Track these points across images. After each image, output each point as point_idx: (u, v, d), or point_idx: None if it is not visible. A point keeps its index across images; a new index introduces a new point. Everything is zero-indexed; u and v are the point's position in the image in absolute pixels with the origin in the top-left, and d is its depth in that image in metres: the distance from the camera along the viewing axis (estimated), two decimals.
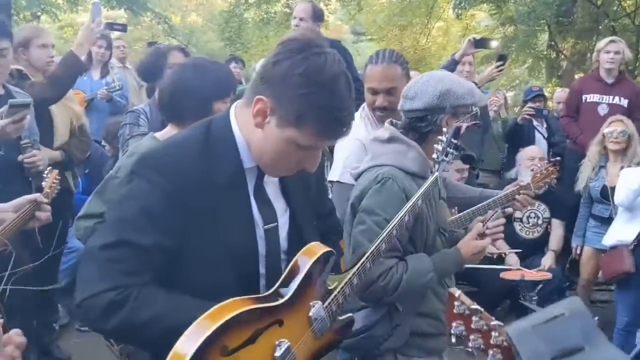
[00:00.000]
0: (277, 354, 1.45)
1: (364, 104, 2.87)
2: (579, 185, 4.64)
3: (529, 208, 4.86)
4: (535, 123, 5.93)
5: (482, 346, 1.36)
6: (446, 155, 1.99)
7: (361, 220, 2.07)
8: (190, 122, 2.27)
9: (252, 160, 1.55)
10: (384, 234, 1.83)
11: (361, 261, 1.74)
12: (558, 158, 3.19)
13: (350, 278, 1.70)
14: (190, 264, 1.48)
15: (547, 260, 4.77)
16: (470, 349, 1.37)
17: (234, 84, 2.32)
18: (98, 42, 5.57)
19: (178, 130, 2.34)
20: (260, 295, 1.51)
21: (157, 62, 3.27)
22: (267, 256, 1.59)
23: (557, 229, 4.92)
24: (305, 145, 1.48)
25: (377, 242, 1.80)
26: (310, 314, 1.57)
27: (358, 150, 2.58)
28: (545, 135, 5.99)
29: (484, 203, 2.73)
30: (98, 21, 3.48)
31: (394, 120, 2.30)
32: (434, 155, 2.01)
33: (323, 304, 1.60)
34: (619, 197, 3.99)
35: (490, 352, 1.34)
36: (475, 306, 1.39)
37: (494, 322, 1.36)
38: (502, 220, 2.26)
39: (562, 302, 0.43)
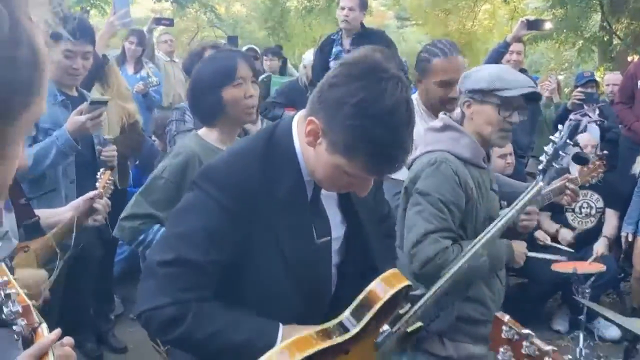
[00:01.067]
0: None
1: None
2: (635, 169, 4.48)
3: (580, 198, 4.75)
4: (586, 109, 5.75)
5: None
6: (556, 159, 2.01)
7: (417, 201, 2.14)
8: (212, 118, 2.32)
9: (309, 174, 1.51)
10: (466, 257, 1.86)
11: (438, 284, 1.76)
12: (605, 152, 3.10)
13: (425, 302, 1.72)
14: (250, 277, 1.49)
15: (600, 246, 4.64)
16: None
17: (234, 66, 2.27)
18: (130, 38, 5.66)
19: (212, 129, 2.37)
20: (329, 325, 1.48)
21: (195, 59, 3.32)
22: (318, 270, 1.58)
23: (611, 219, 4.79)
24: (353, 174, 1.41)
25: (461, 262, 1.82)
26: (378, 340, 1.56)
27: None
28: (598, 122, 5.80)
29: (531, 197, 2.68)
30: (121, 14, 3.51)
31: (448, 113, 2.37)
32: (540, 165, 2.05)
33: (392, 328, 1.59)
34: None
35: None
36: (526, 330, 1.32)
37: (548, 348, 1.29)
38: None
39: None
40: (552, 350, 1.28)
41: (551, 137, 2.06)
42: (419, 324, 1.71)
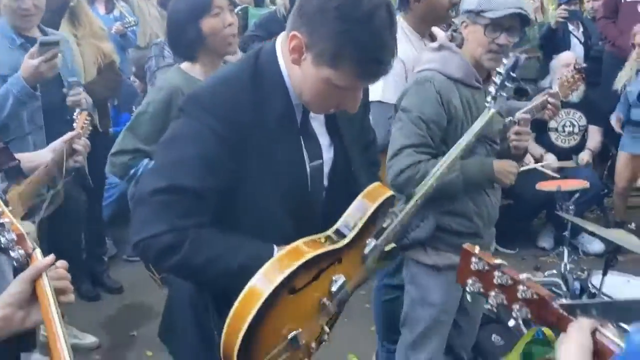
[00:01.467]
0: (334, 288, 1.52)
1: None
2: (617, 84, 4.49)
3: (563, 116, 4.78)
4: (570, 27, 5.69)
5: (505, 302, 1.26)
6: (503, 89, 2.03)
7: (399, 117, 2.25)
8: (192, 52, 2.29)
9: (297, 97, 1.49)
10: (437, 173, 1.90)
11: (410, 203, 1.79)
12: (584, 65, 3.11)
13: (401, 218, 1.73)
14: (245, 202, 1.48)
15: (585, 155, 4.71)
16: (490, 307, 1.29)
17: None
18: None
19: (194, 63, 2.35)
20: (323, 235, 1.53)
21: None
22: (311, 194, 1.59)
23: (595, 134, 4.83)
24: (343, 86, 1.40)
25: (430, 182, 1.85)
26: (365, 251, 1.61)
27: (399, 70, 2.57)
28: (582, 40, 5.75)
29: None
30: None
31: (453, 34, 2.42)
32: (490, 89, 2.06)
33: (377, 240, 1.64)
34: None
35: (515, 306, 1.24)
36: (497, 261, 1.30)
37: (524, 276, 1.25)
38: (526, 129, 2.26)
39: None
40: (526, 278, 1.25)
41: (497, 69, 2.07)
42: (393, 245, 1.76)
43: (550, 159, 4.70)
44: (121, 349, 3.54)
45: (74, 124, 2.45)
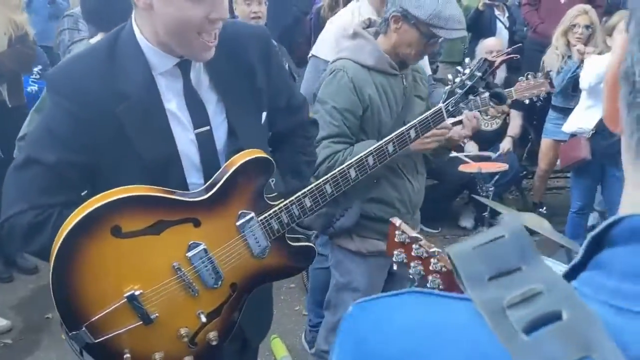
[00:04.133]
0: (190, 254, 1.45)
1: None
2: (544, 69, 4.62)
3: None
4: (496, 12, 5.81)
5: (422, 272, 1.40)
6: (462, 88, 2.00)
7: (316, 109, 2.27)
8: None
9: (170, 61, 1.45)
10: (345, 163, 1.82)
11: (316, 183, 1.67)
12: (513, 55, 3.14)
13: (299, 197, 1.61)
14: (110, 179, 1.43)
15: (506, 143, 4.87)
16: (411, 276, 1.41)
17: None
18: None
19: None
20: (179, 191, 1.46)
21: None
22: (203, 163, 1.52)
23: (516, 119, 4.98)
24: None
25: (336, 170, 1.78)
26: (238, 222, 1.52)
27: (334, 33, 2.83)
28: (507, 25, 5.89)
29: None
30: None
31: (372, 19, 2.45)
32: (449, 85, 2.04)
33: (258, 216, 1.55)
34: (585, 81, 4.03)
35: (430, 277, 1.37)
36: (415, 234, 1.42)
37: (433, 249, 1.40)
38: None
39: (502, 221, 0.44)
40: (437, 252, 1.39)
41: (458, 67, 2.07)
42: (308, 243, 1.70)
43: (471, 148, 4.79)
44: (35, 332, 3.41)
45: None
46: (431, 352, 0.45)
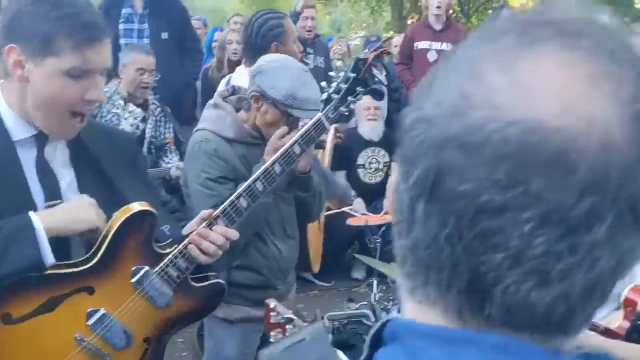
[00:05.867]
0: (90, 322, 1.45)
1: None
2: None
3: (369, 154, 5.16)
4: (374, 71, 6.15)
5: None
6: (338, 93, 1.97)
7: (192, 187, 2.20)
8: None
9: (28, 131, 1.46)
10: (228, 200, 1.86)
11: (207, 221, 1.72)
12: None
13: (188, 243, 1.64)
14: None
15: (387, 203, 5.09)
16: None
17: None
18: None
19: None
20: (61, 263, 1.44)
21: None
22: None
23: (395, 172, 5.24)
24: (73, 68, 1.39)
25: (226, 202, 1.82)
26: (133, 279, 1.52)
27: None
28: (385, 83, 6.26)
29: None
30: None
31: (236, 86, 2.43)
32: (324, 94, 2.00)
33: (152, 268, 1.56)
34: None
35: None
36: (288, 315, 1.49)
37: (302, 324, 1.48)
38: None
39: (307, 327, 0.54)
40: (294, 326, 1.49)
41: (331, 73, 2.08)
42: (217, 281, 1.72)
43: (358, 206, 4.97)
44: None
45: None
46: None
